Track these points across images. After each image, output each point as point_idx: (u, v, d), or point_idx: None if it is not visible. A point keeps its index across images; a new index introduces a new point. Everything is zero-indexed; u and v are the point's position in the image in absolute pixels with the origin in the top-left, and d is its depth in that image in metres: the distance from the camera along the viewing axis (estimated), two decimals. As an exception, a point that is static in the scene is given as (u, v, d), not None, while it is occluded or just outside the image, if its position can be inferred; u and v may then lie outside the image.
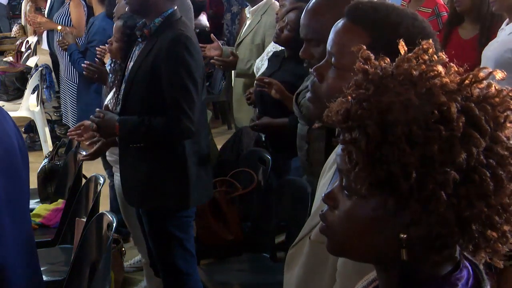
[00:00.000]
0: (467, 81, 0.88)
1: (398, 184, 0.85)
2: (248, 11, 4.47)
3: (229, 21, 7.43)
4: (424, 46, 0.92)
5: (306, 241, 1.41)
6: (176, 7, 2.94)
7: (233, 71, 4.47)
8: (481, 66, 0.91)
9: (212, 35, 4.42)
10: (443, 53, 0.93)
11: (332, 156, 1.53)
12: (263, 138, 3.84)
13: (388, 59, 0.93)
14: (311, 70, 1.68)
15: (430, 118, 0.84)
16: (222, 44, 4.46)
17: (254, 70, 3.99)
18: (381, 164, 0.85)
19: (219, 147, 4.30)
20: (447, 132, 0.83)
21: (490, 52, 3.33)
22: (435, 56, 0.92)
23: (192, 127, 2.81)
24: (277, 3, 4.16)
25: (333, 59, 1.35)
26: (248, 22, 4.41)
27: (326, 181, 1.48)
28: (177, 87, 2.79)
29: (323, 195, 0.97)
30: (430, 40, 0.94)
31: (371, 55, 0.94)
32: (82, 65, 4.12)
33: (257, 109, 3.64)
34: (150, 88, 2.84)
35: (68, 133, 3.58)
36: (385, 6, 1.36)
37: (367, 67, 0.92)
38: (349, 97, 0.91)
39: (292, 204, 3.12)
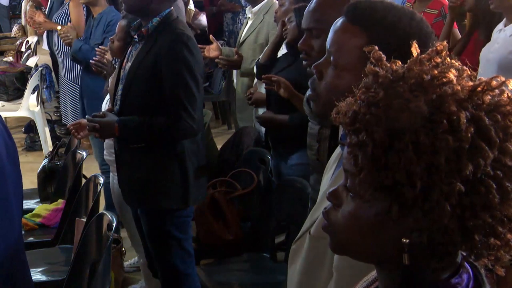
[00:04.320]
0: (479, 89, 0.86)
1: (403, 191, 0.84)
2: (249, 11, 4.47)
3: (229, 19, 7.41)
4: (438, 48, 0.91)
5: (307, 236, 1.43)
6: (172, 7, 2.94)
7: (234, 71, 4.47)
8: (480, 68, 0.90)
9: (211, 36, 4.42)
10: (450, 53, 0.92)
11: (336, 152, 1.54)
12: (263, 138, 3.84)
13: (400, 62, 0.91)
14: (304, 62, 1.69)
15: (438, 128, 0.83)
16: (221, 45, 4.46)
17: (255, 70, 3.99)
18: (386, 171, 0.84)
19: (219, 147, 4.30)
20: (455, 143, 0.82)
21: (492, 54, 3.30)
22: (448, 59, 0.90)
23: (194, 125, 2.82)
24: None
25: (331, 58, 1.36)
26: (249, 22, 4.41)
27: (329, 177, 1.49)
28: (179, 86, 2.80)
29: (327, 192, 0.97)
30: (445, 42, 0.93)
31: (383, 56, 0.93)
32: (91, 61, 4.08)
33: (266, 106, 3.63)
34: (150, 88, 2.84)
35: (68, 126, 3.59)
36: (383, 6, 1.36)
37: (377, 69, 0.91)
38: (358, 99, 0.89)
39: (292, 204, 3.12)
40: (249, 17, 4.48)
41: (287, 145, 3.37)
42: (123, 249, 3.95)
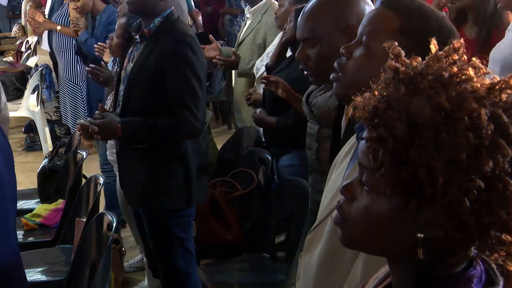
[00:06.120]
0: (497, 87, 0.87)
1: (423, 187, 0.85)
2: (248, 11, 4.47)
3: (228, 21, 7.41)
4: (455, 45, 0.91)
5: (327, 222, 1.44)
6: (173, 7, 2.95)
7: (233, 71, 4.47)
8: (487, 69, 0.90)
9: (210, 35, 4.43)
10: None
11: (348, 145, 1.55)
12: (263, 138, 3.84)
13: (420, 59, 0.92)
14: (306, 72, 1.72)
15: (459, 124, 0.83)
16: (221, 45, 4.46)
17: (254, 71, 3.99)
18: (407, 166, 0.85)
19: (219, 147, 4.30)
20: (475, 140, 0.83)
21: (497, 54, 3.27)
22: (464, 56, 0.91)
23: (198, 124, 2.82)
24: (277, 3, 4.16)
25: (364, 37, 1.41)
26: (248, 22, 4.42)
27: (340, 172, 1.50)
28: (182, 86, 2.80)
29: (341, 186, 0.97)
30: (461, 40, 0.93)
31: (402, 51, 0.94)
32: (87, 68, 4.09)
33: (264, 107, 3.63)
34: (153, 89, 2.84)
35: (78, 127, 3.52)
36: None
37: (398, 65, 0.91)
38: (377, 93, 0.90)
39: (292, 204, 3.12)
40: (247, 18, 4.48)
41: (279, 146, 3.39)
42: (123, 249, 3.94)
